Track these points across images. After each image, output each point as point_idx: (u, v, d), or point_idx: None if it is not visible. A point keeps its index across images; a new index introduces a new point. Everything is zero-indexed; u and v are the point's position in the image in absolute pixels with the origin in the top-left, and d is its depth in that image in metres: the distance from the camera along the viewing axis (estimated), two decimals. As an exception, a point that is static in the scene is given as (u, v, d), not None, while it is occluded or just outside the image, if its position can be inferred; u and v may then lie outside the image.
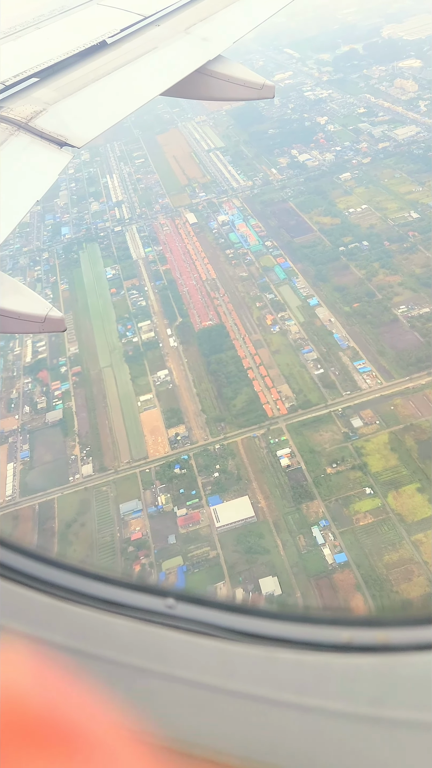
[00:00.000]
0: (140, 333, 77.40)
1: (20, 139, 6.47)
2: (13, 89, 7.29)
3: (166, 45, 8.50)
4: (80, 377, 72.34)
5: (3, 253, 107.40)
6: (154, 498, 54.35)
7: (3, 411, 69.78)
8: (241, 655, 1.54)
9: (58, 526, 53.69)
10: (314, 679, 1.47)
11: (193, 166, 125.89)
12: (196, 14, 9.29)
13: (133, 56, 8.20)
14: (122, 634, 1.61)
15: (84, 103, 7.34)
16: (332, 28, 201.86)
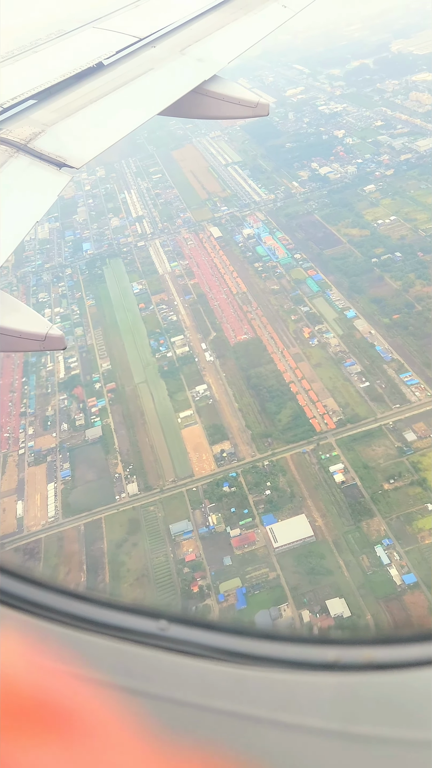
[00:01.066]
0: (174, 348, 76.32)
1: (20, 161, 6.40)
2: (12, 111, 7.23)
3: (162, 66, 8.51)
4: (116, 393, 71.14)
5: (24, 270, 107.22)
6: (205, 518, 52.80)
7: (39, 429, 68.51)
8: (233, 675, 1.56)
9: (108, 547, 52.11)
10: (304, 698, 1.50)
11: (211, 181, 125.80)
12: (192, 35, 9.29)
13: (129, 77, 8.18)
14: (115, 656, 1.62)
15: (82, 124, 7.28)
16: (339, 45, 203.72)
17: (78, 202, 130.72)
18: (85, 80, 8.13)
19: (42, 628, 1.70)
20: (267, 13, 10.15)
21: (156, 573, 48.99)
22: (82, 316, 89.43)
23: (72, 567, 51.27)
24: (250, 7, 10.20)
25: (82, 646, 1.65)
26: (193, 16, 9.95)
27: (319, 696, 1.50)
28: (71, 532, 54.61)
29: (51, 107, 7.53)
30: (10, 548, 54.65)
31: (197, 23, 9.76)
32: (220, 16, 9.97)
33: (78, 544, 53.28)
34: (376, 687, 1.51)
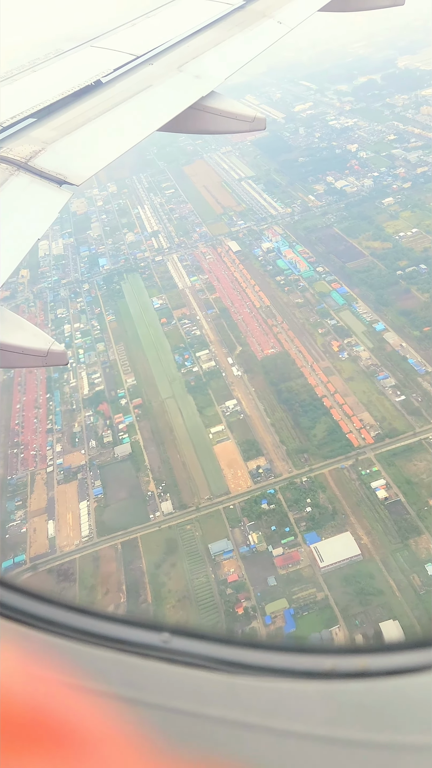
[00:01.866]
0: (199, 363, 75.42)
1: (20, 179, 6.42)
2: (12, 129, 7.24)
3: (160, 83, 8.59)
4: (142, 409, 70.10)
5: (41, 286, 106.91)
6: (245, 537, 51.51)
7: (67, 446, 67.37)
8: (235, 685, 1.62)
9: (146, 567, 50.74)
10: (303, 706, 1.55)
11: (225, 195, 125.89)
12: (189, 52, 9.36)
13: (128, 94, 8.25)
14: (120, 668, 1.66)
15: (82, 142, 7.32)
16: (345, 61, 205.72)
17: (91, 218, 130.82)
18: (84, 98, 8.18)
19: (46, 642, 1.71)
20: (263, 29, 10.25)
21: (198, 594, 47.61)
22: (102, 331, 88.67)
23: (110, 588, 49.87)
24: (246, 24, 10.30)
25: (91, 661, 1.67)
26: (189, 33, 10.03)
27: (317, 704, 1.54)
28: (107, 552, 53.28)
29: (51, 125, 7.56)
30: (43, 570, 53.31)
31: (194, 40, 9.84)
32: (216, 33, 10.08)
33: (115, 564, 51.92)
34: (371, 693, 1.55)
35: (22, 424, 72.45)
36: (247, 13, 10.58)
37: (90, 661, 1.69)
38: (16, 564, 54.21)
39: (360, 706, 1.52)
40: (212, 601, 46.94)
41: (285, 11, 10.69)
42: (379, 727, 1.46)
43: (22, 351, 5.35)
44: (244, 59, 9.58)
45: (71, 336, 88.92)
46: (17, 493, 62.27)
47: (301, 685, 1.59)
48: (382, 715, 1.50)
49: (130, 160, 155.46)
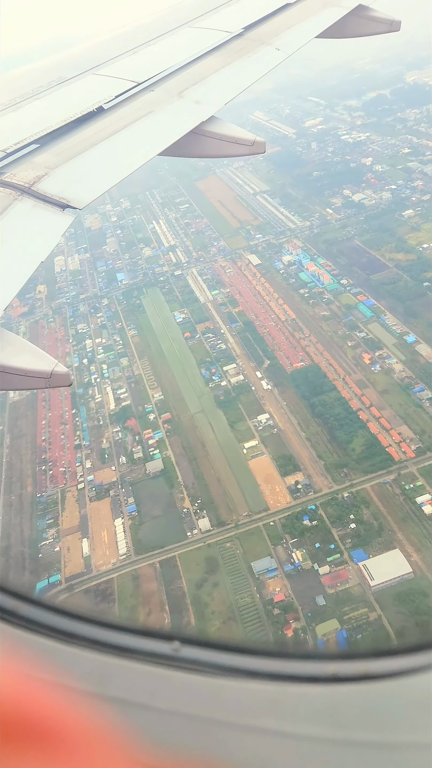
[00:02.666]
0: (227, 377, 74.47)
1: (24, 204, 6.58)
2: (16, 155, 7.40)
3: (160, 109, 8.79)
4: (172, 424, 69.02)
5: (59, 302, 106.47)
6: (288, 554, 50.15)
7: (97, 462, 66.22)
8: (242, 691, 1.66)
9: (188, 587, 49.34)
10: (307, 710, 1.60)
11: (241, 210, 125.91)
12: (188, 79, 9.57)
13: (129, 120, 8.43)
14: (131, 677, 1.71)
15: (84, 167, 7.46)
16: (352, 77, 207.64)
17: (106, 233, 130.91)
18: (86, 124, 8.35)
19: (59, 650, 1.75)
20: (261, 56, 10.47)
21: (243, 615, 46.15)
22: (125, 346, 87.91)
23: (152, 608, 48.44)
24: (245, 51, 10.53)
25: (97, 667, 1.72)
26: (189, 61, 10.23)
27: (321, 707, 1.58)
28: (146, 571, 51.90)
29: (53, 151, 7.71)
30: (79, 590, 51.90)
31: (194, 67, 10.05)
32: (215, 60, 10.28)
33: (155, 583, 50.52)
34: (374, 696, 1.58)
35: (49, 440, 71.40)
36: (246, 41, 10.79)
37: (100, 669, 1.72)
38: (51, 584, 52.85)
39: (362, 709, 1.56)
40: (259, 621, 45.49)
41: (283, 38, 10.90)
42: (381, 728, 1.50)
43: (26, 373, 5.34)
44: (243, 85, 9.72)
45: (93, 351, 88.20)
46: (48, 511, 61.03)
47: (306, 690, 1.64)
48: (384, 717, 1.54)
49: (141, 177, 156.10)
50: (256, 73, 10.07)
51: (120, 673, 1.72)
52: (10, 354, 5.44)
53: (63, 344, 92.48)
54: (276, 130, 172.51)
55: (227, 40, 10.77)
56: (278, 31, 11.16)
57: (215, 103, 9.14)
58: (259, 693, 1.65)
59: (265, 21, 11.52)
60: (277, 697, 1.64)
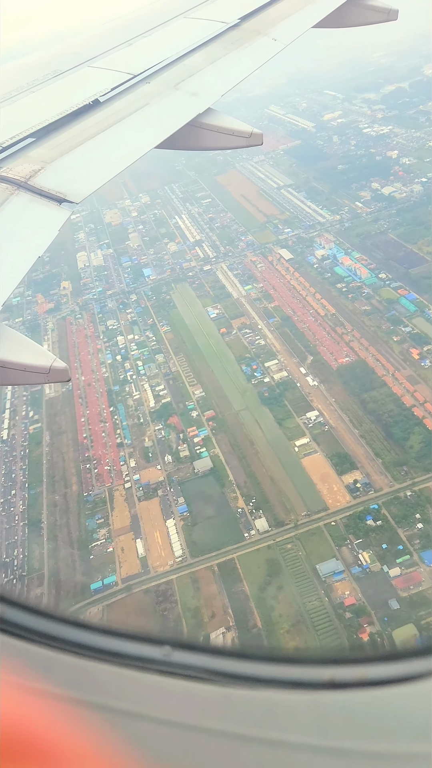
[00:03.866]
0: (270, 373, 72.90)
1: (21, 198, 6.55)
2: (12, 149, 7.35)
3: (157, 101, 8.72)
4: (216, 422, 67.48)
5: (86, 298, 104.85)
6: (355, 556, 48.66)
7: (141, 461, 64.75)
8: (235, 697, 1.63)
9: (250, 590, 47.88)
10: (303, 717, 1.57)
11: (266, 204, 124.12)
12: (185, 71, 9.49)
13: (126, 113, 8.36)
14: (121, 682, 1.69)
15: (81, 160, 7.41)
16: (368, 71, 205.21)
17: (128, 229, 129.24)
18: (83, 117, 8.25)
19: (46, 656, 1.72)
20: (257, 46, 10.32)
21: (314, 619, 44.68)
22: (159, 342, 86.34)
23: (215, 611, 47.00)
24: (241, 42, 10.38)
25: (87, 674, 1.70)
26: (185, 52, 10.08)
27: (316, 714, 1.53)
28: (204, 574, 50.44)
29: (50, 144, 7.61)
30: (138, 591, 50.49)
31: (190, 59, 9.92)
32: (212, 51, 10.17)
33: (216, 586, 49.06)
34: (370, 703, 1.53)
35: (91, 438, 69.93)
36: (242, 32, 10.69)
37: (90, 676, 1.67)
38: (106, 586, 51.46)
39: (359, 716, 1.50)
40: (331, 626, 44.03)
41: (279, 29, 10.79)
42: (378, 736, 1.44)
43: (24, 368, 5.31)
44: (240, 76, 9.60)
45: (126, 347, 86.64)
46: (97, 511, 59.60)
47: (301, 696, 1.58)
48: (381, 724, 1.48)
49: (159, 172, 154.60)
50: (253, 64, 9.87)
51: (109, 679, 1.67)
52: (8, 349, 5.36)
53: (93, 341, 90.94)
54: (294, 124, 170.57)
55: (223, 30, 10.60)
56: (275, 21, 11.01)
57: (212, 94, 8.98)
58: (253, 699, 1.60)
59: (262, 11, 11.34)
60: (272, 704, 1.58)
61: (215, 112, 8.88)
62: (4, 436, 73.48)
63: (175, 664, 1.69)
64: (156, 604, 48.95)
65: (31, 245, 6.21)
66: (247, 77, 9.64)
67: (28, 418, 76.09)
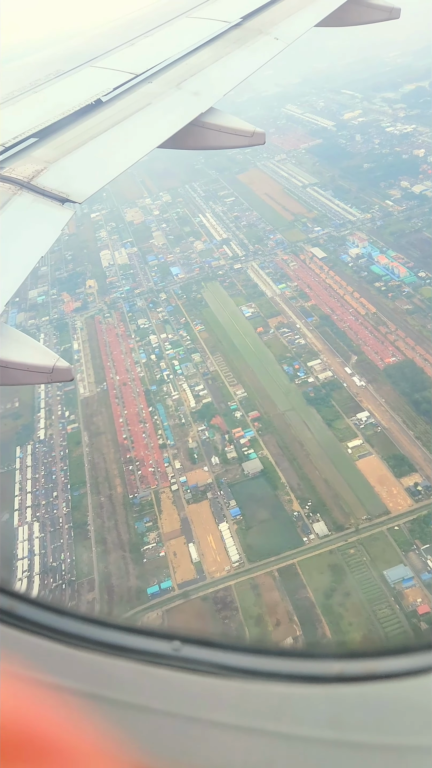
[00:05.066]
0: (314, 373, 71.27)
1: (23, 198, 6.55)
2: (14, 150, 7.38)
3: (159, 100, 8.76)
4: (262, 423, 65.84)
5: (113, 296, 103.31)
6: (424, 562, 46.98)
7: (186, 462, 63.11)
8: (244, 691, 1.65)
9: (315, 597, 46.21)
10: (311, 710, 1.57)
11: (292, 202, 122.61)
12: (187, 70, 9.51)
13: (128, 113, 8.40)
14: (132, 677, 1.70)
15: (83, 160, 7.45)
16: (384, 70, 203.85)
17: (150, 227, 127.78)
18: (85, 117, 8.26)
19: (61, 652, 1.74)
20: (259, 46, 10.31)
21: (386, 628, 42.97)
22: (194, 341, 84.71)
23: (280, 619, 45.33)
24: (243, 41, 10.38)
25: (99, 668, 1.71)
26: (187, 51, 10.06)
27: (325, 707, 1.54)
28: (264, 580, 48.79)
29: (52, 144, 7.58)
30: (195, 597, 48.83)
31: (192, 58, 9.93)
32: (214, 50, 10.16)
33: (278, 593, 47.39)
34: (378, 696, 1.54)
35: (131, 438, 68.33)
36: (244, 31, 10.71)
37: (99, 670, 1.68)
38: (162, 590, 49.81)
39: (367, 709, 1.50)
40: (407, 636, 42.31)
41: (281, 27, 10.76)
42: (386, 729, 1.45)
43: (27, 368, 5.25)
44: (242, 75, 9.59)
45: (160, 347, 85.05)
46: (144, 513, 57.98)
47: (309, 690, 1.59)
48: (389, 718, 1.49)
49: (178, 170, 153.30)
50: (255, 63, 9.86)
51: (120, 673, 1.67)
52: (11, 349, 5.34)
53: (125, 340, 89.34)
54: (313, 123, 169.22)
55: (225, 30, 10.60)
56: (277, 20, 10.95)
57: (214, 94, 8.99)
58: (262, 693, 1.60)
59: (264, 10, 11.31)
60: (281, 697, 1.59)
61: (217, 111, 8.86)
62: (41, 435, 71.91)
63: (185, 658, 1.69)
64: (216, 611, 47.28)
65: (34, 245, 6.17)
66: (249, 76, 9.59)
67: (64, 418, 74.53)
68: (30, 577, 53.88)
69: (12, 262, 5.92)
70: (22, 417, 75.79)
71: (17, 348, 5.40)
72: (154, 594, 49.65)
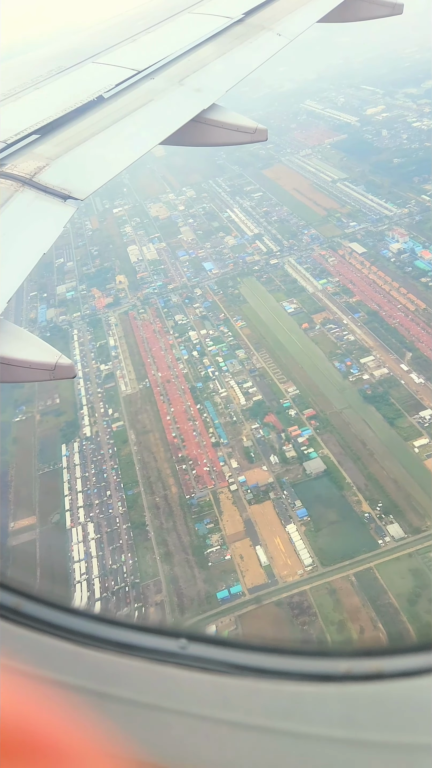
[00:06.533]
0: (368, 370, 69.22)
1: (25, 195, 6.52)
2: (16, 146, 7.32)
3: (161, 97, 8.74)
4: (319, 421, 63.79)
5: (145, 292, 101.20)
6: None
7: (243, 461, 61.06)
8: (250, 689, 1.65)
9: (399, 603, 44.19)
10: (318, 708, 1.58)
11: (323, 198, 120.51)
12: (189, 66, 9.50)
13: (129, 109, 8.37)
14: (139, 675, 1.71)
15: (85, 157, 7.42)
16: (403, 66, 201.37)
17: (177, 222, 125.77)
18: (87, 113, 8.14)
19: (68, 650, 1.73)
20: (262, 42, 10.24)
21: None
22: (236, 338, 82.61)
23: (363, 626, 43.31)
24: (246, 37, 10.31)
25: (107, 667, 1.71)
26: (189, 48, 9.97)
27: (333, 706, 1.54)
28: (341, 584, 46.78)
29: (54, 141, 7.48)
30: (269, 602, 46.82)
31: (194, 54, 9.85)
32: (216, 46, 10.08)
33: (358, 598, 45.38)
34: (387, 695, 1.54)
35: (181, 437, 66.27)
36: (246, 27, 10.71)
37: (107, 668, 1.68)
38: (232, 595, 47.82)
39: (375, 708, 1.50)
40: None
41: (283, 23, 10.72)
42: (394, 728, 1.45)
43: (30, 365, 5.22)
44: (244, 72, 9.56)
45: (201, 343, 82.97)
46: (204, 514, 55.94)
47: (316, 688, 1.58)
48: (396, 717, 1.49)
49: (200, 166, 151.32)
50: (257, 59, 9.91)
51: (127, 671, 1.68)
52: (13, 346, 5.22)
53: (163, 336, 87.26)
54: (335, 118, 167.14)
55: (228, 25, 10.64)
56: (279, 15, 10.94)
57: (216, 90, 9.00)
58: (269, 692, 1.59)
59: (266, 5, 11.29)
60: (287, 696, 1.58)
61: (219, 107, 8.75)
62: (87, 433, 69.86)
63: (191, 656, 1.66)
64: (293, 617, 45.27)
65: (36, 242, 6.12)
66: (252, 72, 9.50)
67: (108, 415, 72.50)
68: (89, 580, 51.87)
69: (14, 260, 5.80)
70: (64, 414, 73.80)
71: (19, 345, 5.28)
72: (225, 599, 47.64)
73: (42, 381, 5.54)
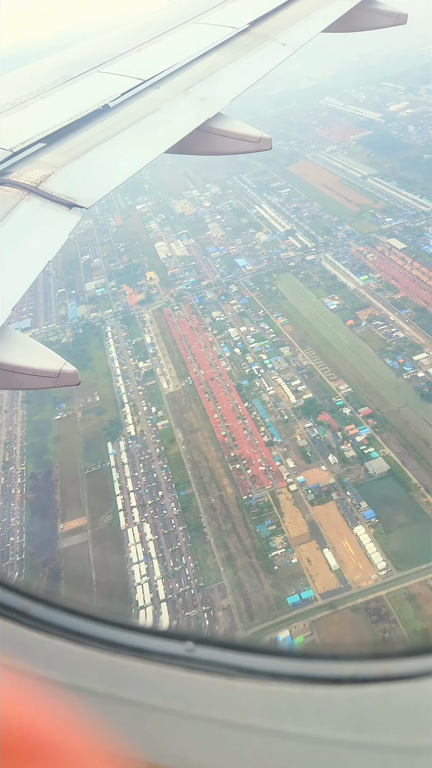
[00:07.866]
0: (423, 367, 67.23)
1: (31, 203, 6.60)
2: (22, 154, 7.42)
3: (166, 106, 8.81)
4: (376, 420, 61.80)
5: (178, 289, 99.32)
6: None
7: (300, 461, 59.10)
8: (257, 692, 1.63)
9: None
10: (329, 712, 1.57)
11: (354, 193, 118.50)
12: (194, 76, 9.58)
13: (135, 118, 8.45)
14: (146, 678, 1.70)
15: (90, 165, 7.49)
16: (422, 63, 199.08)
17: (204, 219, 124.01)
18: (92, 122, 8.17)
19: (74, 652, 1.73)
20: (267, 52, 10.27)
21: None
22: (278, 335, 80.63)
23: (450, 635, 41.31)
24: (251, 47, 10.34)
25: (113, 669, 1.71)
26: (195, 57, 9.95)
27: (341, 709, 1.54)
28: (420, 589, 44.78)
29: (60, 150, 7.55)
30: (343, 608, 44.86)
31: (199, 64, 9.85)
32: (221, 56, 10.07)
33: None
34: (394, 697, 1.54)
35: (231, 436, 64.34)
36: (251, 36, 10.77)
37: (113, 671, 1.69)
38: (303, 600, 45.88)
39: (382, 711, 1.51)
40: None
41: (288, 33, 10.74)
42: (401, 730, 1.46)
43: (34, 372, 5.19)
44: (249, 81, 9.56)
45: (242, 340, 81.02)
46: (264, 516, 54.00)
47: (324, 691, 1.58)
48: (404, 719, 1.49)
49: (222, 163, 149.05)
50: (262, 69, 9.92)
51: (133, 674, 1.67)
52: (17, 353, 5.22)
53: (201, 333, 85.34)
54: (358, 115, 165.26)
55: (233, 35, 10.68)
56: (284, 25, 11.00)
57: (221, 99, 8.96)
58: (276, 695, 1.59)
59: (271, 16, 11.33)
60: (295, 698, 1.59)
61: (225, 117, 8.78)
62: (131, 432, 67.99)
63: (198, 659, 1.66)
64: (371, 623, 43.30)
65: (41, 250, 6.14)
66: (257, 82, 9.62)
67: (151, 413, 70.63)
68: (151, 582, 49.99)
69: (19, 267, 5.82)
70: (106, 412, 71.98)
71: (23, 352, 5.26)
72: (296, 604, 45.69)
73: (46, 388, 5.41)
